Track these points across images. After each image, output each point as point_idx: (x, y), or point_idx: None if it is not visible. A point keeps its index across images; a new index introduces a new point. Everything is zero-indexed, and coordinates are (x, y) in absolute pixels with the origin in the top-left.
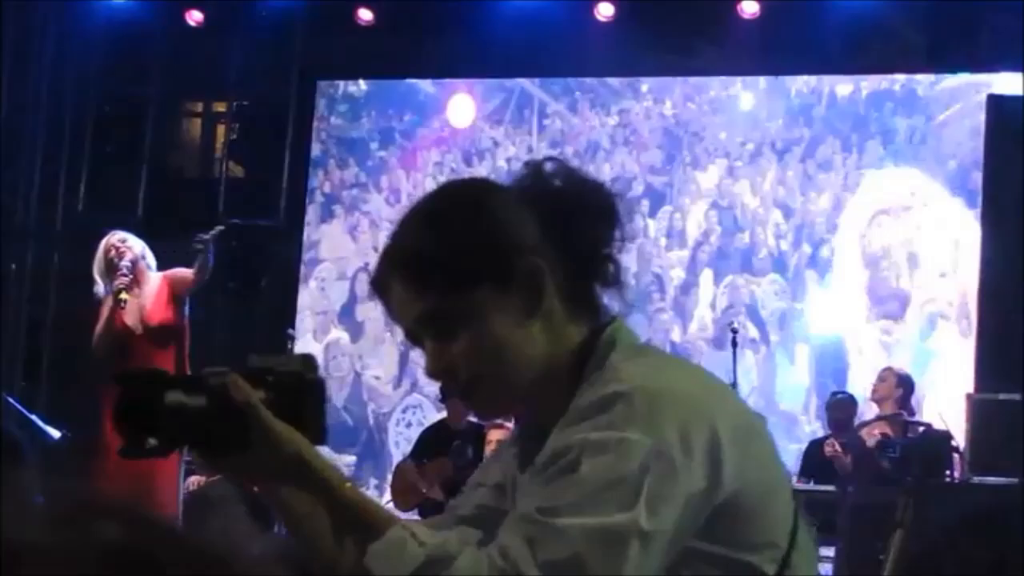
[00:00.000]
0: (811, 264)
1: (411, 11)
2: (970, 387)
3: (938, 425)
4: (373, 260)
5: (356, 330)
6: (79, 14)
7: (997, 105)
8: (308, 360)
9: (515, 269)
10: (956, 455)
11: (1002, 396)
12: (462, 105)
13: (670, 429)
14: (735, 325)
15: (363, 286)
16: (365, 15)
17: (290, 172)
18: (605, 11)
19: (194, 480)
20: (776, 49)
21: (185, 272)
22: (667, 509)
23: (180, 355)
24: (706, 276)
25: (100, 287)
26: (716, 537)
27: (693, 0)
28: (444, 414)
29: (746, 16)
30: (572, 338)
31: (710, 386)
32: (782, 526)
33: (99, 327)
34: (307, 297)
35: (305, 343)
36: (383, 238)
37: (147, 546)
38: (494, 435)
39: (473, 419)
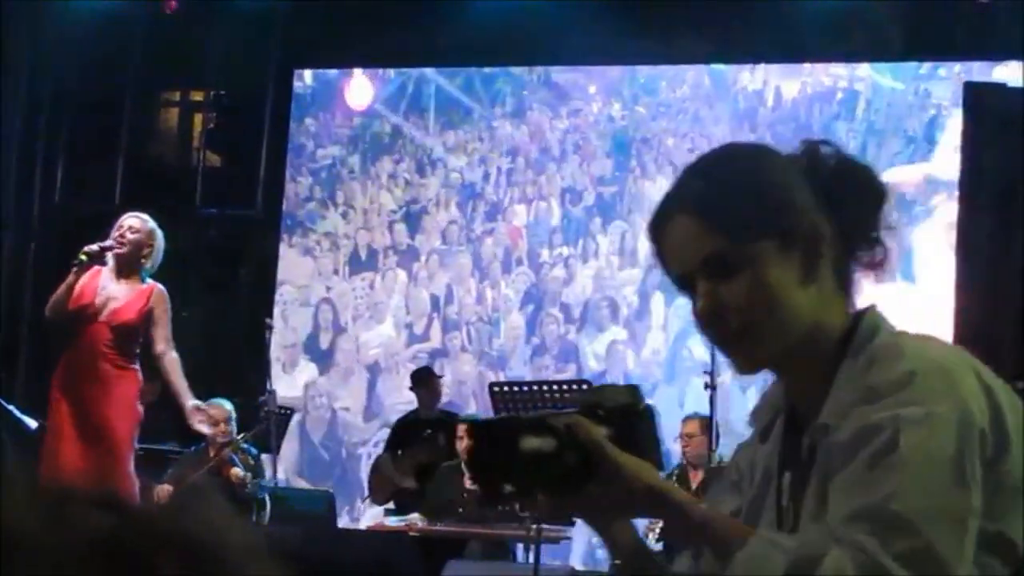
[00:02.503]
0: None
1: (393, 0)
2: None
3: None
4: (335, 283)
5: (323, 360)
6: (55, 3)
7: (975, 93)
8: (634, 390)
9: (799, 229)
10: None
11: None
12: (411, 106)
13: (971, 401)
14: None
15: (326, 316)
16: (346, 3)
17: (268, 161)
18: None
19: (163, 489)
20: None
21: (159, 310)
22: (980, 481)
23: (127, 358)
24: (657, 298)
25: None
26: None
27: None
28: None
29: None
30: (838, 312)
31: (980, 364)
32: None
33: (60, 288)
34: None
35: (275, 376)
36: (342, 258)
37: (133, 536)
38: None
39: (445, 409)
